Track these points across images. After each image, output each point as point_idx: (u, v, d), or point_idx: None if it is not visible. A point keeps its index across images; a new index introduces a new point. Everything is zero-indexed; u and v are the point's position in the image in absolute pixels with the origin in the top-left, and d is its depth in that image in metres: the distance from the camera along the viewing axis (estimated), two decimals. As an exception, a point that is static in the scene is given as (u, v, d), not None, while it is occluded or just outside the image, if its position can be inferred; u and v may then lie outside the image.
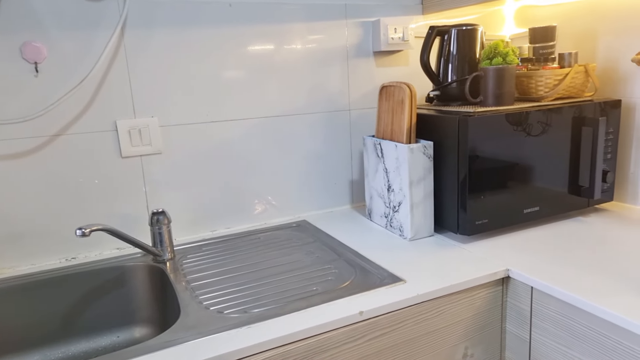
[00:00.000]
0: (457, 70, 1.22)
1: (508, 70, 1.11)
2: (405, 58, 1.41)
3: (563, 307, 0.89)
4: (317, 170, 1.37)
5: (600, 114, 1.19)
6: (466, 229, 1.10)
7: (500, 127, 1.07)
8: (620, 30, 1.25)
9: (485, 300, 0.98)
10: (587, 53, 1.34)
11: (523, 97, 1.22)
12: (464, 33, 1.20)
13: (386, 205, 1.21)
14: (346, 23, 1.32)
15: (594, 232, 1.12)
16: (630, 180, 1.29)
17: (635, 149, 1.27)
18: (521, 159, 1.12)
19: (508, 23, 1.53)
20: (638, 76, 1.23)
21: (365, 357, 0.86)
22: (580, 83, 1.19)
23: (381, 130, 1.23)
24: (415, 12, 1.40)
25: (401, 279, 0.95)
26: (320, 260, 1.06)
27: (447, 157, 1.10)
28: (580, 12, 1.34)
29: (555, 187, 1.18)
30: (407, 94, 1.10)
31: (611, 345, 0.81)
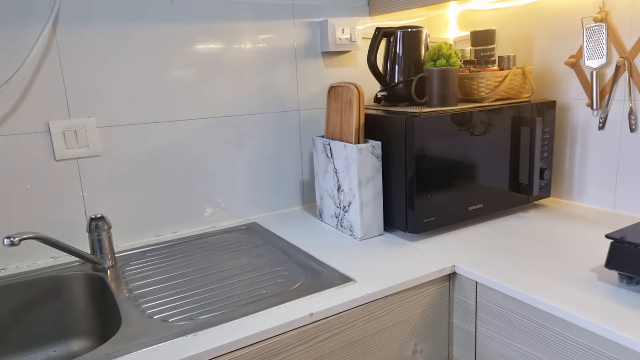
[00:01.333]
0: (404, 71, 1.24)
1: (451, 71, 1.14)
2: (353, 59, 1.42)
3: (505, 300, 0.92)
4: (267, 171, 1.36)
5: (537, 114, 1.24)
6: (414, 227, 1.12)
7: (445, 127, 1.10)
8: (554, 34, 1.31)
9: (433, 296, 1.00)
10: (525, 56, 1.40)
11: (466, 98, 1.26)
12: (409, 35, 1.22)
13: (336, 205, 1.21)
14: (294, 23, 1.32)
15: (534, 227, 1.17)
16: (566, 177, 1.36)
17: (569, 148, 1.34)
18: (465, 157, 1.15)
19: (452, 26, 1.58)
20: (571, 78, 1.30)
21: (316, 359, 0.85)
22: (518, 85, 1.24)
23: (330, 130, 1.23)
24: (362, 13, 1.41)
25: (351, 278, 0.95)
26: (271, 262, 1.04)
27: (395, 157, 1.12)
28: (517, 17, 1.40)
29: (498, 184, 1.23)
30: (355, 94, 1.11)
31: (550, 335, 0.85)
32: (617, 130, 1.22)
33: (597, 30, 1.19)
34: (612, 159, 1.24)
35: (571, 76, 1.30)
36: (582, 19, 1.23)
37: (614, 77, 1.20)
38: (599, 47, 1.20)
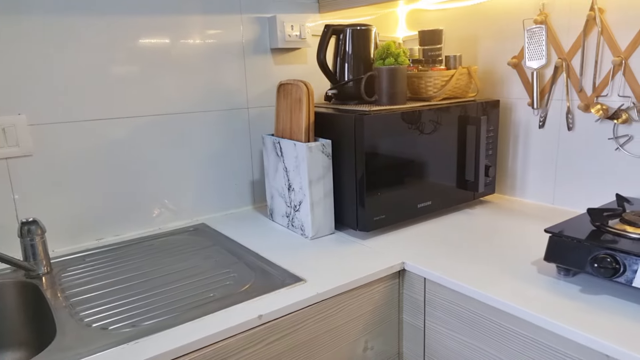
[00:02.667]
0: (353, 69, 1.24)
1: (400, 70, 1.15)
2: (303, 56, 1.41)
3: (452, 295, 0.94)
4: (216, 170, 1.32)
5: (482, 113, 1.28)
6: (365, 225, 1.12)
7: (394, 126, 1.11)
8: (498, 35, 1.35)
9: (383, 293, 1.01)
10: (470, 56, 1.44)
11: (415, 96, 1.27)
12: (358, 33, 1.22)
13: (287, 204, 1.19)
14: (241, 18, 1.29)
15: (479, 223, 1.21)
16: (509, 173, 1.41)
17: (512, 145, 1.39)
18: (414, 155, 1.17)
19: (401, 25, 1.60)
20: (513, 78, 1.34)
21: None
22: (464, 84, 1.27)
23: (280, 128, 1.21)
24: (311, 10, 1.40)
25: (302, 278, 0.94)
26: (219, 264, 1.01)
27: (345, 155, 1.12)
28: (464, 17, 1.43)
29: (445, 182, 1.26)
30: (304, 92, 1.10)
31: (494, 327, 0.87)
32: (556, 129, 1.27)
33: (538, 32, 1.24)
34: (552, 156, 1.30)
35: (514, 76, 1.34)
36: (524, 20, 1.27)
37: (552, 77, 1.25)
38: (539, 49, 1.24)
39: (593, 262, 0.83)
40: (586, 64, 1.18)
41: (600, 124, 1.19)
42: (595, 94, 1.18)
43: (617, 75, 1.13)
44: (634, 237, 0.86)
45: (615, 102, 1.14)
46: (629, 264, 0.79)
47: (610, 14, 1.12)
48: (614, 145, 1.17)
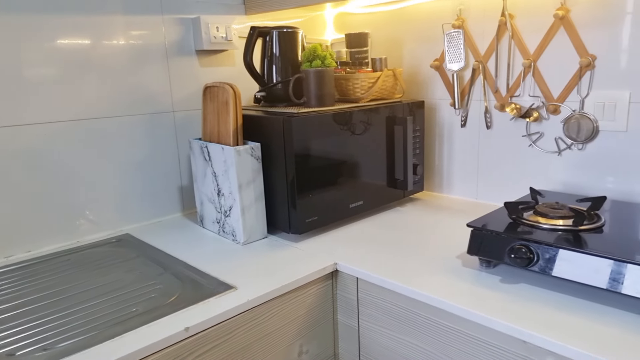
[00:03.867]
0: (281, 71, 1.23)
1: (327, 72, 1.15)
2: (231, 58, 1.38)
3: (383, 293, 0.95)
4: (141, 177, 1.26)
5: (408, 113, 1.32)
6: (297, 228, 1.11)
7: (324, 127, 1.11)
8: (420, 38, 1.40)
9: (316, 295, 1.00)
10: (396, 58, 1.48)
11: (343, 98, 1.29)
12: (284, 35, 1.22)
13: (217, 210, 1.16)
14: (162, 19, 1.24)
15: (409, 220, 1.24)
16: (436, 171, 1.46)
17: (438, 144, 1.44)
18: (345, 156, 1.18)
19: (329, 28, 1.62)
20: (436, 80, 1.40)
21: (195, 375, 0.81)
22: (390, 86, 1.31)
23: (208, 132, 1.18)
24: (238, 11, 1.37)
25: (232, 286, 0.91)
26: (143, 277, 0.96)
27: (275, 158, 1.10)
28: (388, 21, 1.47)
29: (376, 181, 1.28)
30: (230, 94, 1.07)
31: (423, 322, 0.90)
32: (476, 128, 1.34)
33: (456, 36, 1.29)
34: (473, 153, 1.36)
35: (436, 78, 1.40)
36: (443, 25, 1.33)
37: (471, 79, 1.31)
38: (458, 52, 1.30)
39: (510, 252, 0.87)
40: (500, 66, 1.25)
41: (515, 122, 1.26)
42: (509, 94, 1.25)
43: (528, 76, 1.21)
44: (546, 227, 0.91)
45: (527, 102, 1.22)
46: (542, 253, 0.85)
47: (519, 19, 1.19)
48: (527, 142, 1.25)
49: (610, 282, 0.77)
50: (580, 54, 1.11)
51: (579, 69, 1.12)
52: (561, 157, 1.20)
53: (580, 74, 1.12)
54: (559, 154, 1.20)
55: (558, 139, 1.19)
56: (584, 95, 1.13)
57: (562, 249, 0.83)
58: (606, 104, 1.10)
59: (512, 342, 0.77)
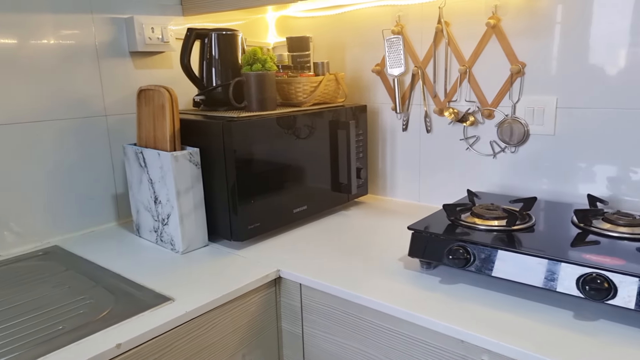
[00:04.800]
0: (221, 74, 1.20)
1: (268, 76, 1.14)
2: (168, 60, 1.33)
3: (326, 298, 0.95)
4: (71, 185, 1.19)
5: (351, 117, 1.33)
6: (239, 235, 1.09)
7: (265, 131, 1.10)
8: (362, 43, 1.42)
9: (259, 304, 0.98)
10: (338, 63, 1.48)
11: (286, 102, 1.28)
12: (224, 37, 1.19)
13: (154, 218, 1.11)
14: (92, 18, 1.17)
15: (353, 224, 1.25)
16: (380, 174, 1.48)
17: (381, 148, 1.46)
18: (287, 161, 1.17)
19: (271, 31, 1.60)
20: (378, 84, 1.42)
21: (128, 394, 0.77)
22: (332, 90, 1.31)
23: (143, 137, 1.13)
24: (175, 12, 1.33)
25: (169, 297, 0.87)
26: (72, 292, 0.90)
27: (215, 164, 1.07)
28: (330, 25, 1.48)
29: (320, 185, 1.28)
30: (166, 98, 1.03)
31: (367, 326, 0.90)
32: (417, 131, 1.37)
33: (396, 41, 1.32)
34: (415, 157, 1.39)
35: (378, 83, 1.42)
36: (383, 30, 1.35)
37: (411, 84, 1.34)
38: (398, 57, 1.33)
39: (448, 254, 0.89)
40: (438, 72, 1.29)
41: (453, 127, 1.30)
42: (447, 99, 1.29)
43: (464, 82, 1.25)
44: (482, 228, 0.94)
45: (464, 107, 1.26)
46: (478, 253, 0.87)
47: (455, 27, 1.23)
48: (465, 145, 1.29)
49: (541, 280, 0.80)
50: (511, 61, 1.16)
51: (510, 76, 1.17)
52: (496, 160, 1.24)
53: (511, 80, 1.17)
54: (494, 157, 1.25)
55: (493, 143, 1.24)
56: (515, 100, 1.18)
57: (496, 249, 0.86)
58: (535, 109, 1.15)
59: (450, 342, 0.79)
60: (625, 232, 0.89)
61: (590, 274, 0.76)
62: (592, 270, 0.76)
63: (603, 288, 0.74)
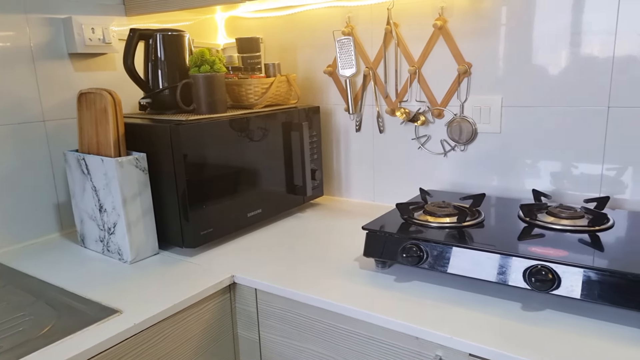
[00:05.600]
0: (168, 77, 1.16)
1: (217, 78, 1.11)
2: (111, 62, 1.27)
3: (282, 302, 0.93)
4: (7, 195, 1.11)
5: (304, 119, 1.32)
6: (191, 242, 1.06)
7: (216, 134, 1.07)
8: (314, 44, 1.42)
9: (214, 311, 0.96)
10: (290, 64, 1.47)
11: (237, 104, 1.25)
12: (169, 38, 1.15)
13: (100, 227, 1.06)
14: (26, 18, 1.11)
15: (309, 226, 1.24)
16: (335, 175, 1.48)
17: (335, 149, 1.46)
18: (240, 164, 1.14)
19: (221, 32, 1.57)
20: (330, 85, 1.42)
21: (72, 415, 0.72)
22: (284, 91, 1.30)
23: (85, 143, 1.07)
24: (117, 12, 1.28)
25: (117, 310, 0.83)
26: (11, 308, 0.84)
27: (164, 169, 1.04)
28: (282, 26, 1.46)
29: (275, 188, 1.26)
30: (109, 101, 0.99)
31: (323, 328, 0.89)
32: (370, 132, 1.38)
33: (347, 42, 1.32)
34: (369, 157, 1.40)
35: (330, 84, 1.42)
36: (333, 32, 1.35)
37: (363, 85, 1.35)
38: (349, 58, 1.33)
39: (402, 252, 0.90)
40: (389, 73, 1.30)
41: (405, 126, 1.32)
42: (398, 99, 1.30)
43: (414, 82, 1.27)
44: (434, 226, 0.96)
45: (415, 106, 1.28)
46: (430, 250, 0.88)
47: (404, 28, 1.25)
48: (417, 145, 1.31)
49: (491, 274, 0.82)
50: (458, 61, 1.19)
51: (458, 76, 1.20)
52: (447, 158, 1.27)
53: (459, 80, 1.20)
54: (444, 156, 1.27)
55: (443, 141, 1.27)
56: (463, 100, 1.21)
57: (447, 246, 0.87)
58: (482, 108, 1.19)
59: (405, 339, 0.79)
60: (568, 224, 0.93)
61: (535, 266, 0.78)
62: (537, 263, 0.78)
63: (548, 279, 0.76)
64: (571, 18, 1.04)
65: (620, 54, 1.00)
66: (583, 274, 0.75)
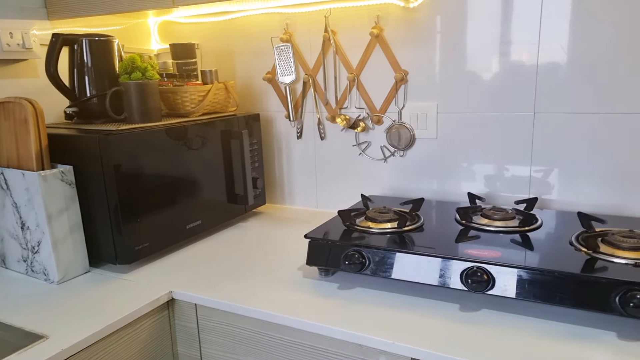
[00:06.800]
0: (97, 84, 1.10)
1: (150, 85, 1.07)
2: (33, 69, 1.19)
3: (224, 316, 0.91)
4: None
5: (244, 127, 1.30)
6: (125, 258, 1.00)
7: (150, 144, 1.02)
8: (252, 51, 1.40)
9: (151, 330, 0.91)
10: (228, 71, 1.45)
11: (173, 112, 1.21)
12: (97, 44, 1.09)
13: (23, 246, 0.98)
14: None
15: (251, 236, 1.22)
16: (277, 183, 1.47)
17: (277, 156, 1.45)
18: (177, 175, 1.10)
19: (155, 37, 1.51)
20: (270, 93, 1.40)
21: None
22: (222, 99, 1.27)
23: (4, 156, 0.99)
24: (38, 16, 1.19)
25: (42, 335, 0.77)
26: None
27: (94, 181, 0.98)
28: (219, 32, 1.43)
29: (215, 198, 1.22)
30: (29, 111, 0.92)
31: (267, 340, 0.87)
32: (312, 139, 1.38)
33: (285, 49, 1.31)
34: (311, 164, 1.40)
35: (270, 91, 1.40)
36: (271, 38, 1.34)
37: (303, 92, 1.35)
38: (288, 65, 1.33)
39: (344, 259, 0.90)
40: (328, 80, 1.31)
41: (346, 133, 1.33)
42: (338, 106, 1.31)
43: (353, 89, 1.28)
44: (375, 232, 0.97)
45: (354, 113, 1.29)
46: (372, 256, 0.89)
47: (341, 36, 1.26)
48: (357, 151, 1.32)
49: (430, 277, 0.84)
50: (395, 69, 1.22)
51: (395, 83, 1.22)
52: (387, 164, 1.29)
53: (396, 87, 1.23)
54: (385, 161, 1.29)
55: (383, 147, 1.29)
56: (400, 106, 1.23)
57: (388, 251, 0.88)
58: (419, 114, 1.22)
59: (349, 347, 0.79)
60: (500, 225, 0.97)
61: (471, 267, 0.81)
62: (473, 264, 0.81)
63: (483, 280, 0.79)
64: (500, 29, 1.09)
65: (543, 63, 1.06)
66: (515, 274, 0.78)
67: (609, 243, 0.83)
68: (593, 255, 0.80)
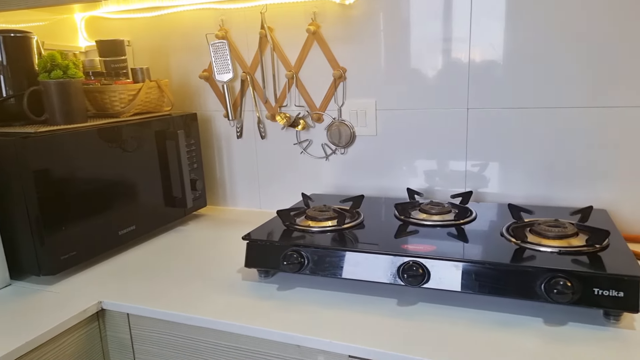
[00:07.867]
0: (13, 83, 1.02)
1: (72, 84, 1.00)
2: (-60, 67, 1.09)
3: (159, 324, 0.87)
4: None
5: (181, 127, 1.25)
6: (49, 268, 0.94)
7: (74, 147, 0.96)
8: (187, 48, 1.35)
9: (79, 343, 0.86)
10: (161, 69, 1.39)
11: (101, 113, 1.15)
12: (12, 41, 1.01)
13: None
14: None
15: (191, 240, 1.17)
16: (219, 184, 1.43)
17: (217, 157, 1.41)
18: (107, 178, 1.04)
19: (82, 34, 1.43)
20: (207, 91, 1.36)
21: None
22: (156, 98, 1.22)
23: None
24: (-56, 8, 1.10)
25: (-51, 359, 0.70)
26: None
27: (12, 188, 0.90)
28: (151, 29, 1.37)
29: (151, 201, 1.17)
30: None
31: (204, 347, 0.84)
32: (252, 138, 1.35)
33: (221, 46, 1.28)
34: (252, 164, 1.37)
35: (207, 89, 1.36)
36: (206, 35, 1.30)
37: (241, 90, 1.32)
38: (225, 63, 1.29)
39: (283, 260, 0.88)
40: (267, 78, 1.28)
41: (287, 131, 1.31)
42: (278, 104, 1.29)
43: (292, 87, 1.26)
44: (315, 230, 0.96)
45: (294, 111, 1.28)
46: (310, 256, 0.88)
47: (279, 32, 1.24)
48: (299, 150, 1.31)
49: (369, 274, 0.84)
50: (333, 66, 1.21)
51: (334, 81, 1.22)
52: (329, 162, 1.29)
53: (335, 84, 1.22)
54: (326, 159, 1.29)
55: (324, 145, 1.28)
56: (340, 104, 1.23)
57: (326, 249, 0.87)
58: (358, 112, 1.22)
59: (287, 349, 0.77)
60: (437, 219, 0.99)
61: (407, 262, 0.81)
62: (409, 259, 0.81)
63: (418, 274, 0.80)
64: (433, 26, 1.11)
65: (475, 60, 1.09)
66: (448, 267, 0.79)
67: (536, 233, 0.86)
68: (521, 245, 0.83)
